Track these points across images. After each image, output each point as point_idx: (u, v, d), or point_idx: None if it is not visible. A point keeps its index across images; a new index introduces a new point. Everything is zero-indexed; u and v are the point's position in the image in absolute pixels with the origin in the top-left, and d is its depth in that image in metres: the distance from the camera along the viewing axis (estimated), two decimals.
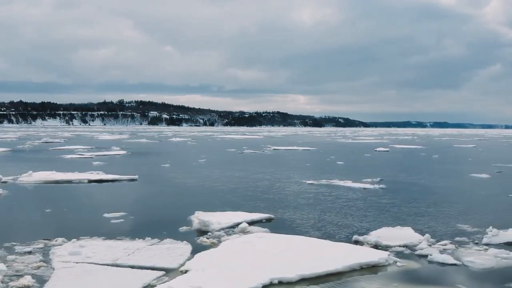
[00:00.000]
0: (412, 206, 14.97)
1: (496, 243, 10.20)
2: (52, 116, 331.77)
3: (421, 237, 10.30)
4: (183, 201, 15.61)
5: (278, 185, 19.77)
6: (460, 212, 13.90)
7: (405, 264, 8.61)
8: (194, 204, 14.36)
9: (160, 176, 22.91)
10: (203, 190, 18.38)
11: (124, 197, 16.91)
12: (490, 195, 17.78)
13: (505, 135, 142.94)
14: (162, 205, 15.08)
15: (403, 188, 19.42)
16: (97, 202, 14.99)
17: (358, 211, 13.90)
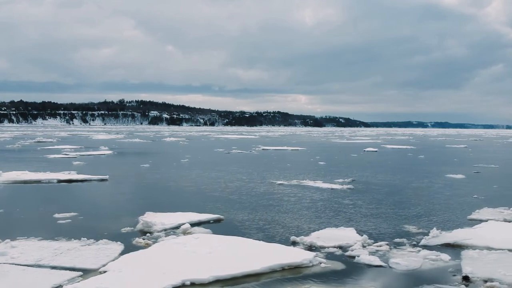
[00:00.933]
0: (370, 207, 14.95)
1: (433, 244, 10.20)
2: (53, 116, 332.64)
3: (359, 238, 10.31)
4: (141, 201, 15.61)
5: (246, 186, 19.76)
6: (415, 213, 13.90)
7: (329, 265, 8.62)
8: (150, 204, 14.38)
9: (132, 177, 22.93)
10: (167, 191, 18.42)
11: (84, 197, 16.92)
12: (455, 195, 17.73)
13: (503, 136, 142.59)
14: (118, 205, 15.10)
15: (371, 189, 19.39)
16: (53, 202, 15.00)
17: (312, 212, 13.90)
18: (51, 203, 14.87)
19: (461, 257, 9.15)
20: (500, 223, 12.18)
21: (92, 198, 16.71)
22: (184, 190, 18.49)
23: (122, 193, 17.83)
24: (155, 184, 20.44)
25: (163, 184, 20.22)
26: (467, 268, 8.40)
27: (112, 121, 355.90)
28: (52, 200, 15.88)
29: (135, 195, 17.62)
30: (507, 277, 7.93)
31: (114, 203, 15.57)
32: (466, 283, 7.77)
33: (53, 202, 15.18)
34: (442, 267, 8.58)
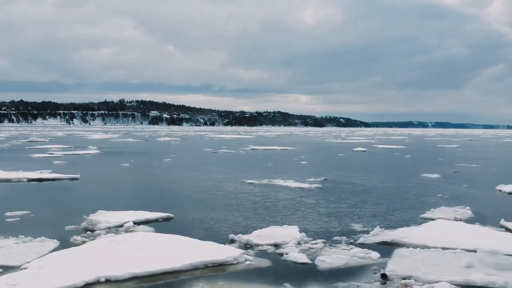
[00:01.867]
0: (329, 206, 14.99)
1: (370, 242, 10.24)
2: (53, 116, 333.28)
3: (297, 236, 10.35)
4: (100, 200, 15.67)
5: (215, 185, 19.82)
6: (371, 212, 13.93)
7: (255, 263, 8.66)
8: (108, 203, 14.44)
9: (105, 176, 22.97)
10: (131, 189, 18.52)
11: (45, 196, 16.97)
12: (420, 195, 17.74)
13: (500, 136, 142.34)
14: (75, 204, 15.07)
15: (339, 188, 19.42)
16: (10, 201, 15.08)
17: (265, 211, 13.94)
18: (8, 201, 14.94)
19: (391, 255, 9.17)
20: (447, 222, 12.20)
21: (53, 197, 16.77)
22: (149, 189, 18.57)
23: (85, 192, 17.92)
24: (124, 183, 20.52)
25: (131, 183, 20.30)
26: (391, 266, 8.44)
27: (112, 121, 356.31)
28: (10, 198, 15.96)
29: (97, 193, 17.69)
30: (427, 275, 7.97)
31: (72, 202, 15.61)
32: (383, 281, 7.80)
33: (10, 200, 15.27)
34: (366, 265, 8.61)
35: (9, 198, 16.05)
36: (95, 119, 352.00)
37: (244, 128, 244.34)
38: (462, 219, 12.94)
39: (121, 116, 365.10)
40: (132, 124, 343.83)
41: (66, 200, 16.12)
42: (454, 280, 7.71)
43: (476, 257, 8.81)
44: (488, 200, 16.75)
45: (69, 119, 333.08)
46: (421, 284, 7.57)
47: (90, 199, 16.16)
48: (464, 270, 8.21)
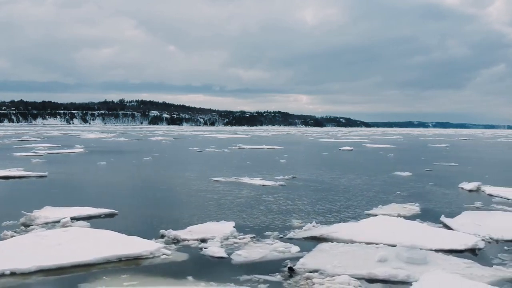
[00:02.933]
0: (283, 202, 15.08)
1: (299, 237, 10.34)
2: (53, 116, 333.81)
3: (227, 231, 10.44)
4: (53, 196, 15.80)
5: (179, 183, 19.97)
6: (321, 209, 14.01)
7: (171, 257, 8.76)
8: (59, 199, 14.57)
9: (74, 174, 23.06)
10: (90, 186, 18.65)
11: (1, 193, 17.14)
12: (380, 192, 17.82)
13: (497, 135, 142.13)
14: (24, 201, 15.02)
15: (303, 186, 19.51)
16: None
17: (212, 207, 14.05)
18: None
19: (311, 250, 9.25)
20: (386, 218, 12.25)
21: (7, 194, 16.89)
22: (108, 186, 18.73)
23: (43, 189, 18.07)
24: (87, 180, 20.62)
25: (94, 180, 20.42)
26: (304, 260, 8.53)
27: (112, 121, 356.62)
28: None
29: (55, 190, 17.77)
30: (335, 268, 8.05)
31: (23, 199, 15.73)
32: (289, 274, 7.89)
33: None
34: (281, 259, 8.69)
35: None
36: (95, 119, 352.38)
37: (243, 128, 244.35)
38: (405, 215, 13.01)
39: (121, 116, 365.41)
40: (132, 124, 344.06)
41: (18, 197, 16.25)
42: (357, 274, 7.80)
43: (394, 252, 8.89)
44: (443, 197, 16.80)
45: (69, 119, 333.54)
46: (323, 277, 7.65)
47: (44, 196, 16.23)
48: (374, 264, 8.29)
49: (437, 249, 9.40)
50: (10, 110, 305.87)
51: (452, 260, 8.68)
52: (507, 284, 7.51)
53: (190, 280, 7.48)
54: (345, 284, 7.31)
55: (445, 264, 8.34)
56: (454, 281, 6.83)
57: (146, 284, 7.24)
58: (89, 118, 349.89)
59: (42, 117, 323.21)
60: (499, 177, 23.70)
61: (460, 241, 9.89)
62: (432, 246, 9.52)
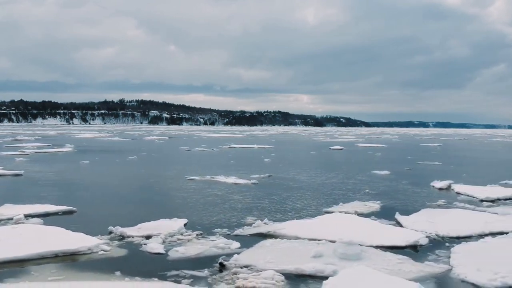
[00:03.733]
0: (247, 200, 15.20)
1: (245, 234, 10.45)
2: (53, 115, 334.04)
3: (175, 229, 10.53)
4: (19, 194, 15.90)
5: (153, 182, 20.07)
6: (280, 207, 14.11)
7: (108, 253, 8.85)
8: (23, 197, 14.67)
9: (49, 172, 23.07)
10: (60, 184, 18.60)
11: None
12: (349, 190, 17.88)
13: (494, 135, 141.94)
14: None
15: (275, 184, 19.59)
16: None
17: (172, 205, 14.15)
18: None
19: (252, 246, 9.33)
20: (339, 215, 12.34)
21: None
22: (78, 184, 18.82)
23: (12, 187, 18.22)
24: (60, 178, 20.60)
25: (67, 179, 20.44)
26: (240, 255, 8.59)
27: (112, 121, 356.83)
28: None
29: (24, 188, 17.86)
30: (266, 264, 8.13)
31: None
32: (220, 269, 7.96)
33: None
34: (217, 255, 8.75)
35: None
36: (95, 118, 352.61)
37: (242, 128, 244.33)
38: (362, 212, 13.09)
39: (121, 116, 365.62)
40: (132, 124, 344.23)
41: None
42: (286, 269, 7.88)
43: (331, 248, 8.97)
44: (410, 195, 16.86)
45: (69, 119, 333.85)
46: (250, 273, 7.72)
47: (10, 194, 16.34)
48: (308, 259, 8.36)
49: (377, 245, 9.47)
50: (10, 110, 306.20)
51: (387, 256, 8.75)
52: (430, 279, 7.58)
53: (117, 275, 7.56)
54: (268, 279, 7.38)
55: (377, 260, 8.41)
56: (369, 276, 6.89)
57: (71, 279, 7.32)
58: (89, 118, 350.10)
59: (42, 117, 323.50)
60: (475, 175, 23.75)
61: (403, 237, 9.96)
62: (374, 243, 9.59)
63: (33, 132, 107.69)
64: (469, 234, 10.50)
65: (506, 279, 7.35)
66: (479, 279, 7.40)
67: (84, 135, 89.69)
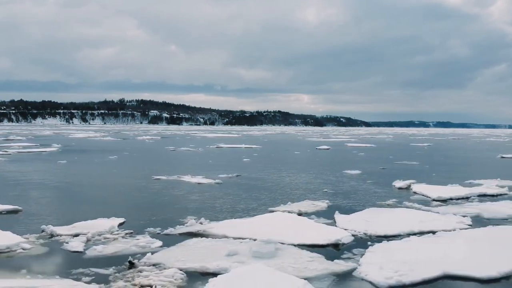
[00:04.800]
0: (201, 200, 15.34)
1: (175, 233, 10.57)
2: (52, 115, 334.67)
3: (107, 227, 10.64)
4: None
5: (116, 181, 20.21)
6: (229, 207, 14.22)
7: (27, 251, 8.98)
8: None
9: (17, 172, 23.21)
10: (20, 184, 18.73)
11: None
12: (307, 189, 17.99)
13: (489, 135, 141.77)
14: None
15: (239, 183, 19.74)
16: None
17: (121, 204, 14.29)
18: None
19: (174, 245, 9.44)
20: (278, 214, 12.47)
21: None
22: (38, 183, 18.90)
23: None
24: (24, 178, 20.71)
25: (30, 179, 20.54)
26: (154, 254, 8.72)
27: (112, 121, 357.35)
28: None
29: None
30: (175, 262, 8.24)
31: None
32: (129, 267, 8.08)
33: None
34: (133, 253, 8.86)
35: None
36: (95, 118, 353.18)
37: (241, 128, 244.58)
38: (306, 211, 13.20)
39: (121, 115, 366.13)
40: (132, 124, 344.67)
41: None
42: (191, 267, 8.00)
43: (248, 246, 9.10)
44: (366, 195, 16.93)
45: (69, 119, 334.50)
46: (154, 270, 7.83)
47: None
48: (220, 258, 8.47)
49: (298, 244, 9.58)
50: (9, 110, 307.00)
51: (302, 254, 8.86)
52: (329, 277, 7.69)
53: (22, 273, 7.67)
54: (168, 277, 7.49)
55: (288, 258, 8.52)
56: (259, 273, 7.00)
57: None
58: (89, 118, 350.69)
59: (42, 116, 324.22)
60: (444, 175, 23.84)
61: (328, 236, 10.05)
62: (296, 241, 9.71)
63: (29, 132, 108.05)
64: (397, 233, 10.58)
65: (402, 278, 7.46)
66: (376, 278, 7.50)
67: (79, 135, 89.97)
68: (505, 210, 13.45)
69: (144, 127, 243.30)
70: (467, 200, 15.64)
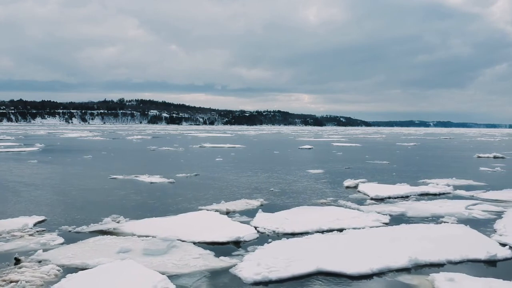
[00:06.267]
0: (138, 199, 15.49)
1: (83, 231, 10.71)
2: (52, 115, 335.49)
3: (20, 226, 10.83)
4: None
5: (69, 180, 20.39)
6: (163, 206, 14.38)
7: None
8: None
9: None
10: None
11: None
12: (256, 189, 18.12)
13: (484, 134, 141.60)
14: None
15: (192, 183, 19.91)
16: None
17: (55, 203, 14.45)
18: None
19: (74, 242, 9.62)
20: (200, 213, 12.66)
21: None
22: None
23: None
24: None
25: None
26: (47, 252, 8.90)
27: (112, 120, 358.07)
28: None
29: None
30: (62, 259, 8.42)
31: None
32: (16, 263, 8.26)
33: None
34: (28, 250, 9.06)
35: None
36: (94, 118, 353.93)
37: (239, 127, 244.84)
38: (234, 210, 13.35)
39: (120, 115, 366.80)
40: (131, 123, 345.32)
41: None
42: (73, 264, 8.18)
43: (143, 243, 9.27)
44: (311, 193, 17.01)
45: (68, 119, 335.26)
46: (33, 267, 8.01)
47: None
48: (110, 255, 8.64)
49: (199, 241, 9.78)
50: (9, 109, 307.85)
51: (194, 251, 9.07)
52: (205, 273, 7.85)
53: None
54: (44, 273, 7.67)
55: (177, 255, 8.71)
56: (124, 269, 7.18)
57: None
58: (88, 118, 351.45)
59: (41, 116, 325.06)
60: (402, 175, 23.98)
61: (232, 234, 10.21)
62: (197, 239, 9.88)
63: (24, 132, 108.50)
64: (305, 230, 10.72)
65: (270, 274, 7.63)
66: (245, 274, 7.67)
67: (71, 134, 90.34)
68: (432, 209, 13.59)
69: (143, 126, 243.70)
70: (404, 199, 15.78)
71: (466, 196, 16.67)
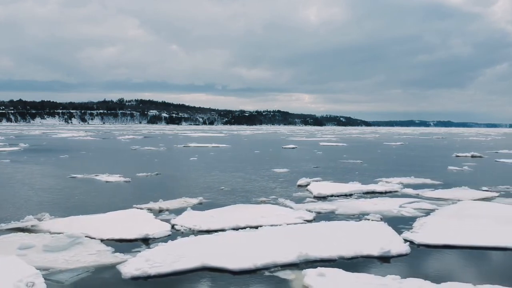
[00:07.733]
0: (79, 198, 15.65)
1: (4, 228, 10.87)
2: (52, 115, 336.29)
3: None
4: None
5: (28, 179, 20.57)
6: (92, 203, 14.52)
7: None
8: None
9: None
10: None
11: None
12: (207, 187, 18.27)
13: (479, 134, 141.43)
14: None
15: (148, 182, 20.11)
16: None
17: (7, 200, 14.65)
18: None
19: None
20: (129, 211, 12.82)
21: None
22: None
23: None
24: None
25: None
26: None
27: (111, 120, 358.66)
28: None
29: None
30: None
31: None
32: None
33: None
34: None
35: None
36: (93, 118, 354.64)
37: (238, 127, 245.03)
38: (167, 208, 13.46)
39: (120, 115, 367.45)
40: (131, 123, 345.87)
41: None
42: None
43: (47, 239, 9.41)
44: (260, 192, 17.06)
45: (68, 119, 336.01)
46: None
47: None
48: (8, 251, 8.78)
49: (108, 238, 9.92)
50: (8, 109, 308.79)
51: (95, 247, 9.19)
52: (84, 269, 7.99)
53: None
54: None
55: (75, 251, 8.86)
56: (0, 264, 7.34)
57: None
58: (87, 118, 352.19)
59: (41, 116, 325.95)
60: (366, 173, 24.12)
61: (143, 231, 10.34)
62: (106, 236, 10.02)
63: (19, 132, 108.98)
64: (221, 228, 10.77)
65: (151, 269, 7.77)
66: (128, 269, 7.81)
67: (63, 134, 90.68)
68: (363, 207, 13.71)
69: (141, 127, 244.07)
70: (345, 197, 15.89)
71: (411, 194, 16.75)
